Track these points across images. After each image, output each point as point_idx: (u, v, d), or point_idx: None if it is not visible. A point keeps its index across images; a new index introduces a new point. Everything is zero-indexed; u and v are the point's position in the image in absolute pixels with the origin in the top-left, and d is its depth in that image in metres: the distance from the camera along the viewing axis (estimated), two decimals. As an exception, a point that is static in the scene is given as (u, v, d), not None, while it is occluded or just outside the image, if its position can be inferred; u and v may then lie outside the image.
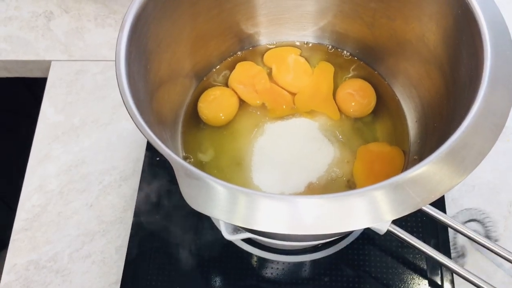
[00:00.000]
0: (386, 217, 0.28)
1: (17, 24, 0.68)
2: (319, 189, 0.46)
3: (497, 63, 0.33)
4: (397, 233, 0.41)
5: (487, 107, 0.32)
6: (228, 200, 0.29)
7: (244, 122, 0.50)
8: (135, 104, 0.33)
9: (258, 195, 0.29)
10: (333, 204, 0.28)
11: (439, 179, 0.29)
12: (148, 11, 0.38)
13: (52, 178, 0.57)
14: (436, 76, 0.44)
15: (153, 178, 0.56)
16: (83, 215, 0.55)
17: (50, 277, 0.52)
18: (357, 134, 0.49)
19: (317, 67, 0.53)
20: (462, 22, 0.38)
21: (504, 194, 0.56)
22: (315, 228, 0.28)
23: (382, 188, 0.29)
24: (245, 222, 0.28)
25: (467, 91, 0.36)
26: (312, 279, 0.51)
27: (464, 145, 0.30)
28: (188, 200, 0.29)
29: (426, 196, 0.29)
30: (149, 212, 0.54)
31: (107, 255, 0.53)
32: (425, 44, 0.44)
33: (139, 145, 0.59)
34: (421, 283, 0.50)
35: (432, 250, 0.42)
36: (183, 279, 0.51)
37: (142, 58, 0.38)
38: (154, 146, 0.31)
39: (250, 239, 0.52)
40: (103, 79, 0.64)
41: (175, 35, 0.44)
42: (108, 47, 0.67)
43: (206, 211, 0.29)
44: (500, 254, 0.41)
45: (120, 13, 0.69)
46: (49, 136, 0.60)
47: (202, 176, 0.30)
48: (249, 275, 0.51)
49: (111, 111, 0.62)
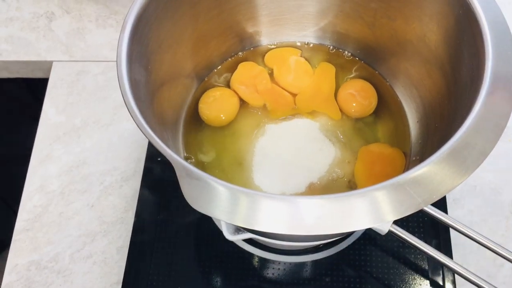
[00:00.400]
0: (388, 217, 0.28)
1: (18, 24, 0.68)
2: (320, 189, 0.46)
3: (499, 63, 0.33)
4: (399, 233, 0.41)
5: (489, 107, 0.32)
6: (229, 201, 0.29)
7: (245, 122, 0.50)
8: (137, 104, 0.33)
9: (259, 196, 0.29)
10: (334, 204, 0.28)
11: (440, 179, 0.29)
12: (149, 12, 0.38)
13: (53, 178, 0.57)
14: (437, 76, 0.44)
15: (154, 178, 0.56)
16: (84, 215, 0.55)
17: (51, 277, 0.52)
18: (358, 134, 0.49)
19: (318, 67, 0.53)
20: (463, 22, 0.38)
21: (506, 195, 0.56)
22: (316, 228, 0.28)
23: (383, 188, 0.29)
24: (246, 223, 0.28)
25: (469, 91, 0.36)
26: (313, 280, 0.51)
27: (466, 146, 0.30)
28: (190, 200, 0.29)
29: (428, 196, 0.29)
30: (150, 212, 0.54)
31: (108, 255, 0.53)
32: (426, 44, 0.44)
33: (140, 145, 0.59)
34: (422, 284, 0.50)
35: (434, 251, 0.41)
36: (184, 279, 0.51)
37: (143, 58, 0.38)
38: (155, 146, 0.31)
39: (251, 240, 0.52)
40: (104, 80, 0.64)
41: (176, 36, 0.44)
42: (109, 47, 0.67)
43: (208, 212, 0.29)
44: (501, 254, 0.41)
45: (121, 14, 0.69)
46: (51, 137, 0.60)
47: (203, 176, 0.30)
48: (250, 276, 0.51)
49: (112, 112, 0.62)
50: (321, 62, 0.53)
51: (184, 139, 0.49)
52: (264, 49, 0.54)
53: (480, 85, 0.33)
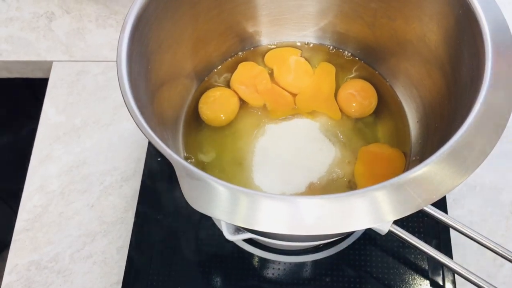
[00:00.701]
0: (388, 217, 0.28)
1: (18, 24, 0.68)
2: (320, 189, 0.46)
3: (499, 63, 0.33)
4: (399, 233, 0.41)
5: (489, 107, 0.32)
6: (229, 201, 0.29)
7: (245, 122, 0.50)
8: (137, 104, 0.33)
9: (259, 196, 0.29)
10: (334, 204, 0.28)
11: (440, 179, 0.29)
12: (150, 12, 0.38)
13: (53, 178, 0.57)
14: (437, 76, 0.44)
15: (154, 178, 0.56)
16: (84, 215, 0.55)
17: (51, 277, 0.52)
18: (358, 134, 0.49)
19: (318, 67, 0.53)
20: (463, 22, 0.38)
21: (506, 194, 0.56)
22: (316, 228, 0.28)
23: (383, 188, 0.29)
24: (246, 223, 0.28)
25: (469, 91, 0.36)
26: (313, 280, 0.51)
27: (466, 146, 0.30)
28: (190, 200, 0.29)
29: (428, 196, 0.29)
30: (150, 212, 0.54)
31: (108, 255, 0.53)
32: (426, 44, 0.44)
33: (140, 145, 0.59)
34: (422, 284, 0.50)
35: (434, 251, 0.41)
36: (184, 279, 0.51)
37: (143, 58, 0.38)
38: (155, 146, 0.31)
39: (252, 240, 0.52)
40: (104, 80, 0.64)
41: (176, 36, 0.44)
42: (109, 47, 0.67)
43: (208, 212, 0.29)
44: (501, 254, 0.41)
45: (121, 14, 0.69)
46: (51, 137, 0.60)
47: (204, 176, 0.30)
48: (250, 276, 0.51)
49: (112, 112, 0.62)
50: (321, 62, 0.53)
51: (184, 139, 0.49)
52: (264, 49, 0.54)
53: (480, 85, 0.33)
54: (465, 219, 0.54)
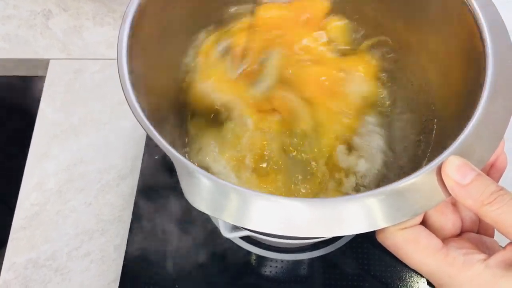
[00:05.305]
0: (382, 224, 0.28)
1: (16, 22, 0.68)
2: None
3: (498, 71, 0.33)
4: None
5: (488, 114, 0.31)
6: (228, 199, 0.29)
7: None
8: (137, 99, 0.33)
9: (259, 196, 0.29)
10: (327, 208, 0.28)
11: (438, 186, 0.29)
12: (149, 6, 0.38)
13: (50, 176, 0.57)
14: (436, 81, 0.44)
15: (152, 176, 0.56)
16: (81, 213, 0.55)
17: (49, 275, 0.52)
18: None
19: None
20: (462, 26, 0.38)
21: (502, 193, 0.56)
22: (308, 231, 0.27)
23: (379, 194, 0.28)
24: (245, 222, 0.28)
25: (467, 98, 0.35)
26: (311, 277, 0.51)
27: (464, 153, 0.30)
28: (189, 198, 0.29)
29: (425, 203, 0.28)
30: (147, 210, 0.54)
31: (106, 253, 0.53)
32: (426, 48, 0.44)
33: (138, 143, 0.59)
34: (419, 281, 0.50)
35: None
36: (182, 277, 0.51)
37: (143, 53, 0.38)
38: (156, 142, 0.31)
39: (249, 237, 0.52)
40: (102, 78, 0.64)
41: (176, 29, 0.44)
42: (107, 45, 0.67)
43: (206, 210, 0.29)
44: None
45: (119, 12, 0.69)
46: (48, 135, 0.60)
47: (203, 174, 0.30)
48: (248, 273, 0.51)
49: (110, 110, 0.61)
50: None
51: (185, 135, 0.49)
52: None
53: (480, 92, 0.33)
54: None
